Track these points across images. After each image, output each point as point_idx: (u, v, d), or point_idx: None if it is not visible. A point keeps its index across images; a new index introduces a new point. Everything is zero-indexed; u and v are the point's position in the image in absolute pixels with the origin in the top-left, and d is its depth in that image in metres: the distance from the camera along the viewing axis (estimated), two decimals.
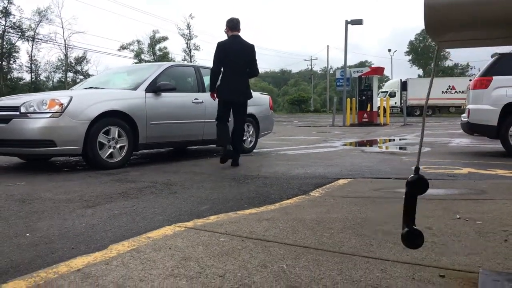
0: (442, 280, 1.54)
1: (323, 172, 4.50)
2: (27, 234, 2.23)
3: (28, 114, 4.49)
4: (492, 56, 6.46)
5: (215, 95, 5.25)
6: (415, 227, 1.25)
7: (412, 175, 1.27)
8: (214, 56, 5.18)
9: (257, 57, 5.33)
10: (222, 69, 5.16)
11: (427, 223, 2.34)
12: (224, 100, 5.20)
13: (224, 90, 5.16)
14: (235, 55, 5.11)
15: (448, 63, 60.71)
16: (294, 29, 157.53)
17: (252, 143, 7.18)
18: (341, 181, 3.88)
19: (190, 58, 48.56)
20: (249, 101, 7.18)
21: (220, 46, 5.15)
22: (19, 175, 4.46)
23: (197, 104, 5.87)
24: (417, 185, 1.25)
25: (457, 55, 67.16)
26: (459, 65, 61.40)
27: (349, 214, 2.57)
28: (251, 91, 5.53)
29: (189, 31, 50.63)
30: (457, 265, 1.70)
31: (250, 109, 7.11)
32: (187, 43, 50.95)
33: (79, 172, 4.66)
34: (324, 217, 2.51)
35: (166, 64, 6.13)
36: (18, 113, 4.52)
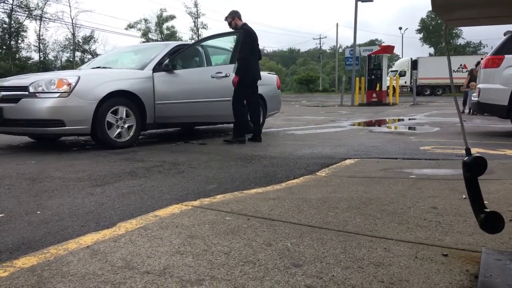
0: (444, 258, 1.56)
1: (330, 152, 4.50)
2: (38, 212, 2.28)
3: (37, 94, 4.53)
4: (504, 34, 6.33)
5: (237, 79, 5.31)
6: (489, 210, 1.19)
7: (467, 157, 1.19)
8: (247, 44, 5.35)
9: (265, 35, 5.44)
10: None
11: (433, 203, 2.35)
12: (255, 81, 5.55)
13: (256, 72, 5.53)
14: (257, 41, 5.56)
15: (460, 41, 59.54)
16: (303, 7, 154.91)
17: (260, 123, 7.16)
18: (347, 161, 3.88)
19: (198, 37, 48.14)
20: None
21: (253, 34, 5.46)
22: (30, 154, 4.53)
23: (208, 84, 5.73)
24: (475, 166, 1.17)
25: (469, 33, 65.76)
26: (471, 43, 60.24)
27: (354, 194, 2.58)
28: None
29: (197, 10, 50.16)
30: (460, 244, 1.71)
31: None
32: (194, 22, 50.53)
33: (88, 152, 4.71)
34: (329, 196, 2.52)
35: (173, 44, 6.10)
36: (27, 93, 4.56)
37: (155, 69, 5.34)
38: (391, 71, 32.31)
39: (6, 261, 1.58)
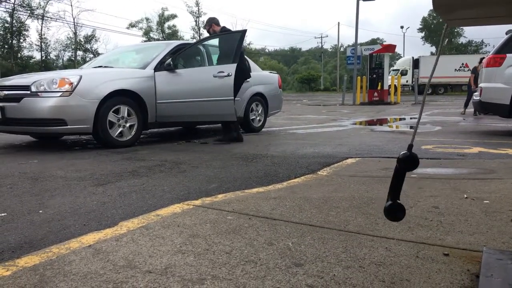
0: (445, 258, 1.56)
1: (331, 151, 4.50)
2: (40, 211, 2.29)
3: (39, 93, 4.54)
4: (506, 33, 6.32)
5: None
6: (398, 201, 1.30)
7: (403, 152, 1.30)
8: (240, 47, 5.50)
9: (266, 34, 5.50)
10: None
11: (435, 202, 2.35)
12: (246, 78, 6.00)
13: (247, 71, 6.01)
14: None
15: (462, 40, 59.44)
16: (304, 5, 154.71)
17: (261, 122, 7.18)
18: (349, 161, 3.88)
19: (199, 36, 48.16)
20: (258, 80, 7.20)
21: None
22: (32, 153, 4.54)
23: (210, 83, 5.73)
24: (408, 162, 1.28)
25: (471, 32, 65.65)
26: (473, 42, 60.12)
27: (356, 193, 2.59)
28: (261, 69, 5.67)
29: (198, 9, 50.19)
30: (461, 244, 1.71)
31: (259, 88, 7.12)
32: (196, 21, 50.54)
33: (89, 151, 4.72)
34: (331, 196, 2.53)
35: (174, 43, 6.10)
36: (28, 92, 4.57)
37: (156, 68, 5.35)
38: (393, 70, 32.29)
39: (9, 260, 1.59)
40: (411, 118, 10.06)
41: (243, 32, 5.57)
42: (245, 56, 7.28)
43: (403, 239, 1.76)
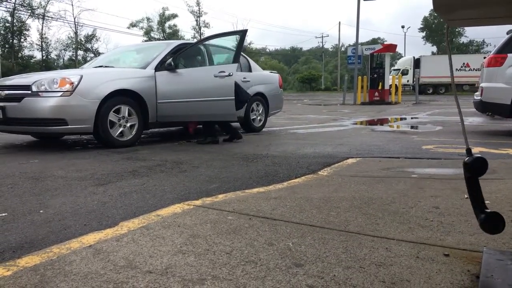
0: (446, 258, 1.56)
1: (332, 151, 4.50)
2: (41, 211, 2.29)
3: (40, 93, 4.55)
4: (507, 33, 6.31)
5: None
6: (489, 211, 1.20)
7: (468, 157, 1.21)
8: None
9: (267, 33, 5.52)
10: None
11: (435, 202, 2.35)
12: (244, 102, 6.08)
13: (244, 94, 5.95)
14: None
15: (463, 39, 59.39)
16: (305, 5, 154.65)
17: (262, 122, 7.19)
18: (350, 160, 3.88)
19: (200, 36, 48.18)
20: (258, 80, 7.20)
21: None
22: (32, 153, 4.54)
23: (210, 83, 5.72)
24: (476, 167, 1.19)
25: (472, 32, 65.60)
26: (474, 41, 60.07)
27: (356, 193, 2.59)
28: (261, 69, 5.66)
29: (199, 8, 50.22)
30: (462, 244, 1.71)
31: (259, 88, 7.13)
32: (196, 20, 50.58)
33: (90, 150, 4.73)
34: (331, 196, 2.53)
35: (175, 43, 6.11)
36: (29, 92, 4.57)
37: (157, 68, 5.35)
38: (394, 70, 32.26)
39: (9, 260, 1.59)
40: (412, 118, 10.05)
41: (244, 32, 5.57)
42: (246, 56, 7.30)
43: (404, 240, 1.76)
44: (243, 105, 6.01)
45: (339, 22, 76.99)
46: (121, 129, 4.90)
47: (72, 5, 51.99)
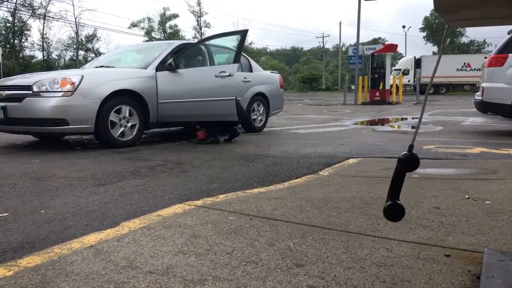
0: (447, 259, 1.56)
1: (332, 151, 4.50)
2: (42, 211, 2.30)
3: (41, 93, 4.55)
4: (508, 33, 6.30)
5: None
6: (398, 201, 1.30)
7: (404, 153, 1.30)
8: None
9: (268, 33, 5.51)
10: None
11: (436, 202, 2.35)
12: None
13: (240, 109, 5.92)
14: None
15: (464, 39, 59.36)
16: (306, 5, 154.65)
17: (263, 122, 7.19)
18: (350, 161, 3.88)
19: (201, 36, 48.22)
20: (259, 80, 7.21)
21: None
22: (33, 153, 4.55)
23: (211, 83, 5.71)
24: (408, 163, 1.29)
25: (473, 32, 65.53)
26: (475, 41, 60.02)
27: (357, 194, 2.59)
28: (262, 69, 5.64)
29: (200, 8, 50.29)
30: (463, 244, 1.71)
31: (260, 88, 7.13)
32: (197, 20, 50.61)
33: (91, 151, 4.73)
34: (332, 196, 2.53)
35: (176, 43, 6.11)
36: (30, 92, 4.58)
37: (158, 68, 5.35)
38: (394, 70, 32.23)
39: (11, 260, 1.59)
40: (412, 118, 10.04)
41: (245, 32, 5.57)
42: (247, 56, 7.30)
43: (404, 240, 1.76)
44: (238, 123, 6.00)
45: (340, 22, 76.97)
46: (122, 129, 4.91)
47: (73, 5, 52.09)
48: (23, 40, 44.17)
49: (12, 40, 42.73)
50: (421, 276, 1.42)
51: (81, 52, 47.39)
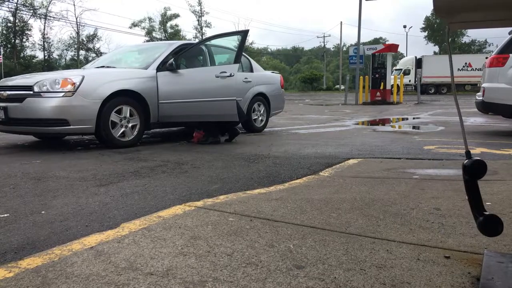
0: (446, 261, 1.56)
1: (333, 151, 4.50)
2: (43, 212, 2.30)
3: (41, 94, 4.56)
4: (509, 33, 6.29)
5: None
6: (488, 213, 1.19)
7: (467, 160, 1.20)
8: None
9: (268, 33, 5.51)
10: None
11: (436, 204, 2.35)
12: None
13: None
14: None
15: (465, 39, 59.29)
16: (307, 5, 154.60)
17: (263, 122, 7.19)
18: (351, 161, 3.88)
19: (202, 36, 48.24)
20: (260, 80, 7.21)
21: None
22: (34, 154, 4.56)
23: (212, 83, 5.70)
24: (475, 169, 1.19)
25: (474, 32, 65.44)
26: (477, 41, 59.95)
27: (357, 195, 2.59)
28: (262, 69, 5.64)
29: (201, 8, 50.25)
30: (463, 246, 1.71)
31: (261, 88, 7.13)
32: (198, 20, 50.61)
33: (92, 151, 4.74)
34: (332, 197, 2.53)
35: (176, 43, 6.11)
36: (31, 92, 4.59)
37: (159, 69, 5.36)
38: (395, 70, 32.20)
39: (11, 262, 1.60)
40: (414, 118, 10.04)
41: (246, 32, 5.58)
42: (247, 56, 7.30)
43: (404, 242, 1.76)
44: (238, 123, 6.01)
45: (341, 22, 76.87)
46: (122, 129, 4.91)
47: (74, 5, 52.07)
48: (24, 40, 44.24)
49: (13, 40, 42.78)
50: (420, 278, 1.42)
51: (82, 52, 47.45)
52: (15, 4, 41.24)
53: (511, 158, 4.04)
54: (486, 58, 6.92)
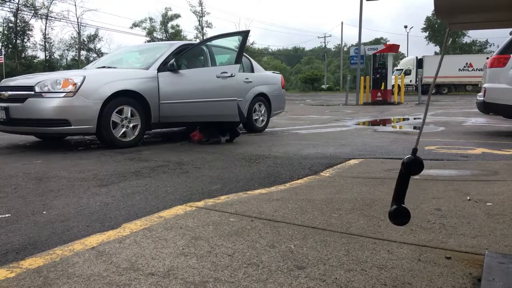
0: (447, 261, 1.56)
1: (334, 152, 4.50)
2: (44, 212, 2.31)
3: (43, 94, 4.56)
4: (510, 34, 6.29)
5: None
6: (403, 205, 1.30)
7: (408, 156, 1.30)
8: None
9: (269, 33, 5.53)
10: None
11: (437, 204, 2.35)
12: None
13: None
14: None
15: (466, 39, 59.25)
16: (308, 5, 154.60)
17: (264, 122, 7.19)
18: (352, 161, 3.88)
19: (203, 36, 48.25)
20: (261, 80, 7.22)
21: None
22: (36, 154, 4.56)
23: (213, 84, 5.68)
24: (412, 166, 1.29)
25: (475, 32, 65.32)
26: (477, 41, 59.90)
27: (358, 195, 2.59)
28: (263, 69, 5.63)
29: (201, 8, 50.26)
30: (464, 247, 1.71)
31: (262, 88, 7.14)
32: (199, 21, 50.63)
33: (93, 151, 4.74)
34: (333, 197, 2.53)
35: (177, 43, 6.12)
36: (32, 92, 4.59)
37: (160, 69, 5.36)
38: (396, 70, 32.20)
39: (13, 262, 1.60)
40: (414, 119, 10.03)
41: (246, 32, 5.58)
42: (248, 57, 7.30)
43: (405, 242, 1.76)
44: (239, 123, 6.01)
45: (342, 22, 76.96)
46: (123, 129, 4.92)
47: (75, 5, 52.18)
48: (25, 40, 44.27)
49: (14, 40, 42.83)
50: (421, 279, 1.42)
51: (83, 52, 47.47)
52: (16, 5, 41.30)
53: None
54: (487, 58, 6.91)
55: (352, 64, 20.15)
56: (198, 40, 9.63)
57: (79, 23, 44.62)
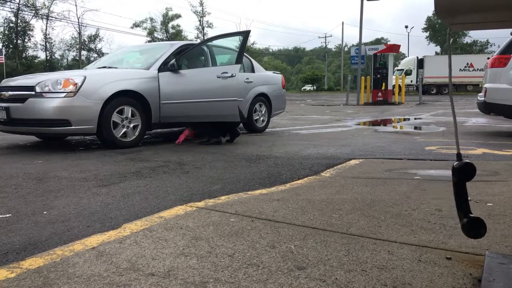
0: (448, 262, 1.56)
1: (334, 152, 4.50)
2: (44, 212, 2.31)
3: (43, 94, 4.57)
4: (511, 34, 6.28)
5: None
6: (473, 215, 1.22)
7: (456, 162, 1.23)
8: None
9: (270, 33, 5.53)
10: None
11: (438, 204, 2.35)
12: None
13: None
14: None
15: (467, 39, 59.22)
16: (308, 5, 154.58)
17: (265, 122, 7.19)
18: (352, 162, 3.88)
19: (203, 36, 48.27)
20: (261, 80, 7.22)
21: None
22: (36, 154, 4.57)
23: (213, 84, 5.68)
24: (464, 171, 1.20)
25: (476, 32, 65.28)
26: (478, 42, 59.86)
27: (359, 195, 2.59)
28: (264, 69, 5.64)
29: (202, 8, 50.28)
30: (464, 247, 1.71)
31: (262, 89, 7.13)
32: (200, 21, 50.64)
33: (93, 151, 4.74)
34: (333, 198, 2.53)
35: (178, 43, 6.12)
36: (33, 92, 4.60)
37: (160, 69, 5.36)
38: (397, 70, 32.20)
39: (13, 262, 1.60)
40: (415, 119, 10.03)
41: (247, 32, 5.58)
42: (249, 57, 7.30)
43: (406, 243, 1.76)
44: (239, 123, 6.02)
45: (342, 22, 77.01)
46: (124, 129, 4.92)
47: (75, 5, 52.25)
48: (26, 40, 44.34)
49: (15, 40, 42.88)
50: (422, 279, 1.42)
51: (84, 52, 47.52)
52: (17, 5, 41.35)
53: None
54: (488, 58, 6.90)
55: (353, 64, 20.16)
56: (198, 40, 9.65)
57: (80, 23, 44.69)
